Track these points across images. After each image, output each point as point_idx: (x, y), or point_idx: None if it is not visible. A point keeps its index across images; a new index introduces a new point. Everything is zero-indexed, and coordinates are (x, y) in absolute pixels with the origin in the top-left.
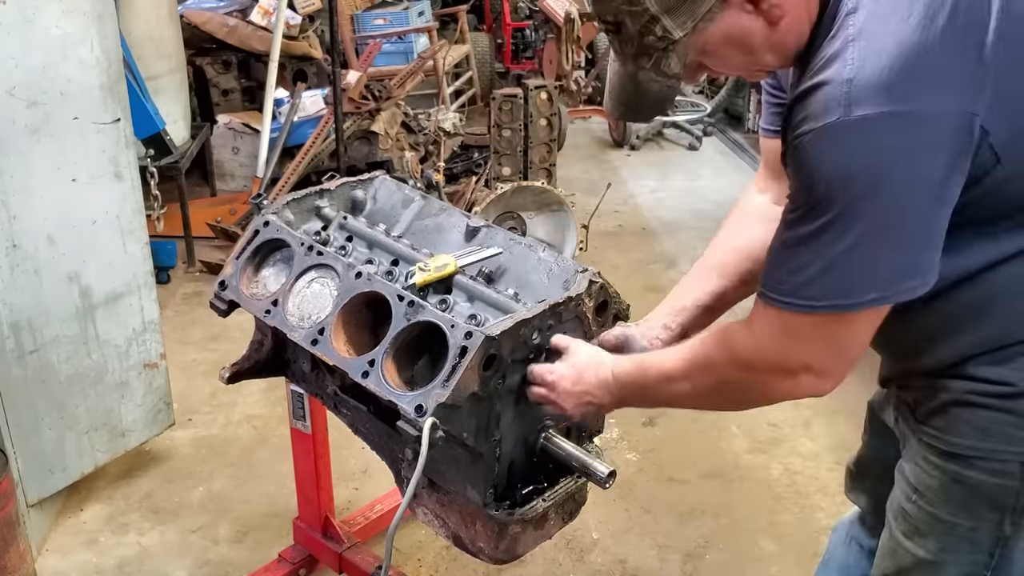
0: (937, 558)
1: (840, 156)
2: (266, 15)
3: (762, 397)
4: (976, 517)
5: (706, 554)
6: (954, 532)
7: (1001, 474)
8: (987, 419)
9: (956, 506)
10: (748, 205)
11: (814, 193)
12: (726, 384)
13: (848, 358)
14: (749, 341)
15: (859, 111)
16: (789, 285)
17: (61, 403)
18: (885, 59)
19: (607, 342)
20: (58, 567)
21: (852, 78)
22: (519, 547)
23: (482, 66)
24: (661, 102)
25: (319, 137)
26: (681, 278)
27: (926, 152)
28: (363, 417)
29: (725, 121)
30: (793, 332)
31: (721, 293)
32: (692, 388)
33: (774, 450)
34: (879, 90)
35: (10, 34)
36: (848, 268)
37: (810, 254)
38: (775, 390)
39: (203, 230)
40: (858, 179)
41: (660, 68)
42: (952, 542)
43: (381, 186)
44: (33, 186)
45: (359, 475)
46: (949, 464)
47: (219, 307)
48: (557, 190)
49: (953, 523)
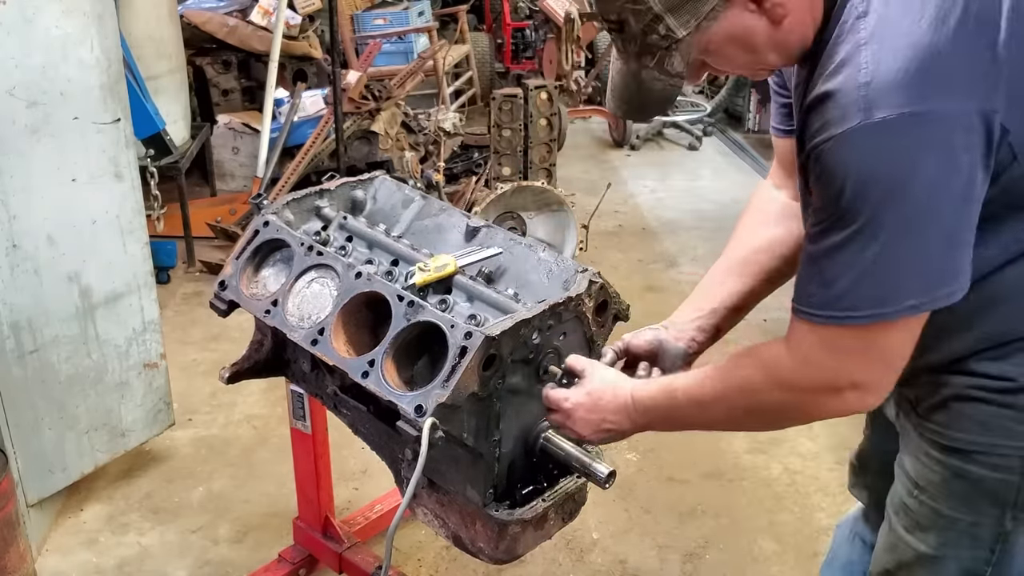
0: (938, 552)
1: (863, 160)
2: (266, 15)
3: (804, 416)
4: (977, 512)
5: (706, 554)
6: (955, 527)
7: (1002, 469)
8: (988, 414)
9: (957, 501)
10: (765, 203)
11: (840, 201)
12: (765, 406)
13: (893, 369)
14: (790, 360)
15: (879, 114)
16: (822, 298)
17: (61, 403)
18: (900, 61)
19: (639, 347)
20: (58, 567)
21: (869, 81)
22: (519, 547)
23: (482, 66)
24: (664, 101)
25: (319, 137)
26: (702, 278)
27: (949, 151)
28: (363, 417)
29: (725, 121)
30: (834, 347)
31: (748, 292)
32: (727, 412)
33: (774, 450)
34: (897, 91)
35: (10, 34)
36: (882, 275)
37: (841, 265)
38: (819, 409)
39: (203, 230)
40: (882, 182)
41: (663, 67)
42: (953, 537)
43: (381, 186)
44: (33, 186)
45: (359, 475)
46: (951, 459)
47: (219, 307)
48: (557, 190)
49: (954, 518)
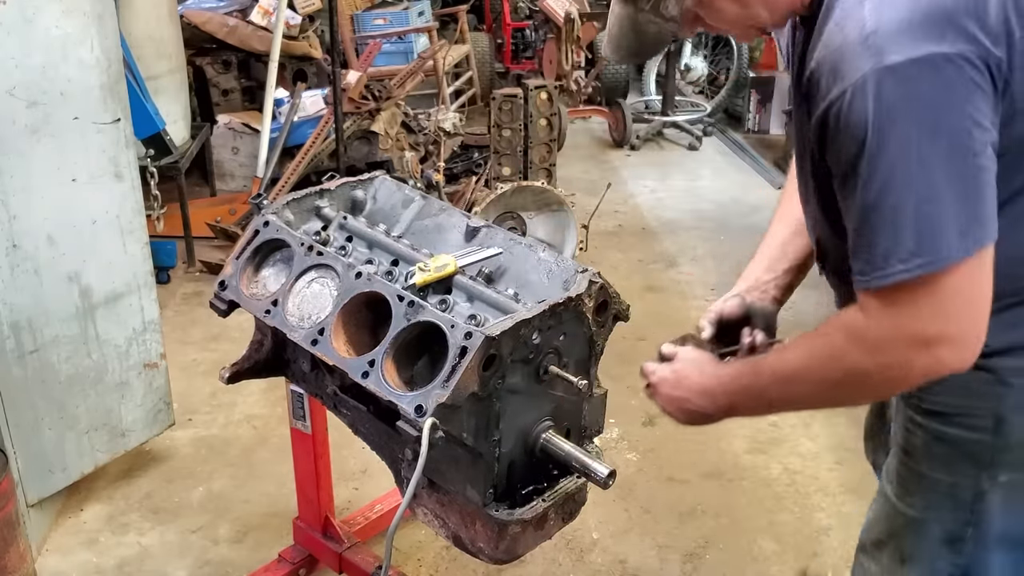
0: (923, 515)
1: (881, 105)
2: (266, 15)
3: (900, 380)
4: (956, 473)
5: (706, 554)
6: (937, 488)
7: (978, 429)
8: (963, 377)
9: (938, 463)
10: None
11: (863, 154)
12: (855, 373)
13: (974, 316)
14: (872, 323)
15: (890, 58)
16: (872, 263)
17: (61, 403)
18: (903, 12)
19: (732, 313)
20: (58, 567)
21: (875, 30)
22: (519, 547)
23: (482, 66)
24: (658, 43)
25: (319, 137)
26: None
27: (967, 90)
28: (363, 417)
29: (725, 121)
30: (903, 306)
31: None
32: (816, 385)
33: (774, 450)
34: (904, 36)
35: (10, 34)
36: (921, 223)
37: (879, 222)
38: (912, 368)
39: (203, 230)
40: (902, 124)
41: (658, 10)
42: (935, 499)
43: (381, 186)
44: (33, 186)
45: (359, 475)
46: (931, 422)
47: (219, 307)
48: (557, 190)
49: (935, 479)
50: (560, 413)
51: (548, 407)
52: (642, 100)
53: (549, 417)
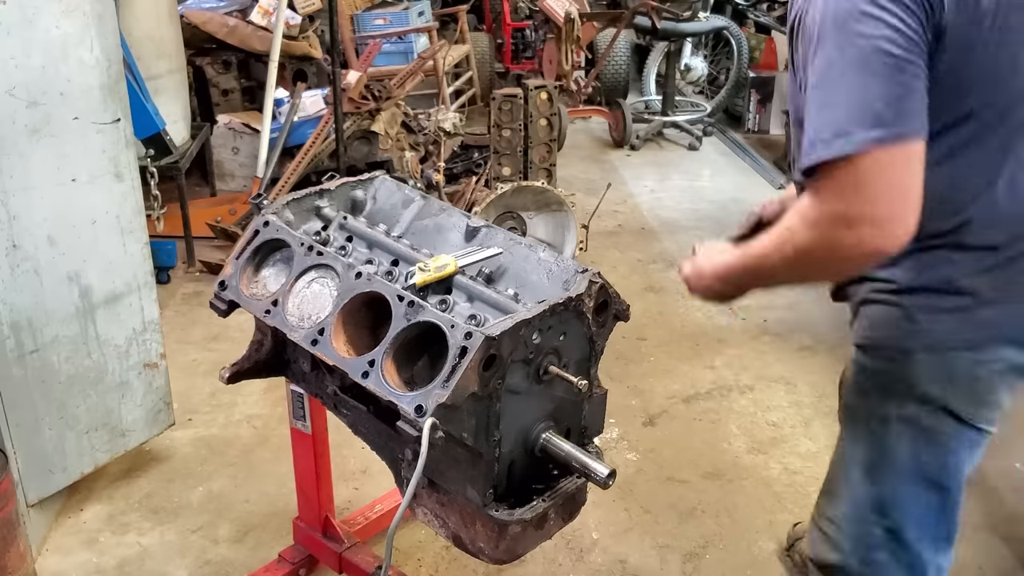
0: (848, 446)
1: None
2: (266, 15)
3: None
4: (870, 401)
5: (706, 554)
6: (856, 417)
7: (888, 360)
8: (880, 312)
9: (857, 392)
10: None
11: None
12: (801, 250)
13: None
14: (808, 202)
15: None
16: (806, 148)
17: (61, 403)
18: None
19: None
20: (58, 567)
21: None
22: (519, 547)
23: (482, 66)
24: None
25: (319, 137)
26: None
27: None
28: (363, 417)
29: (725, 121)
30: (829, 186)
31: None
32: (780, 262)
33: (774, 450)
34: None
35: (10, 34)
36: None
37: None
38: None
39: (203, 230)
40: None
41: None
42: (855, 430)
43: (381, 186)
44: (33, 186)
45: (359, 475)
46: (858, 355)
47: (219, 307)
48: (557, 190)
49: (855, 407)
50: (560, 413)
51: (548, 407)
52: (642, 100)
53: (549, 417)
